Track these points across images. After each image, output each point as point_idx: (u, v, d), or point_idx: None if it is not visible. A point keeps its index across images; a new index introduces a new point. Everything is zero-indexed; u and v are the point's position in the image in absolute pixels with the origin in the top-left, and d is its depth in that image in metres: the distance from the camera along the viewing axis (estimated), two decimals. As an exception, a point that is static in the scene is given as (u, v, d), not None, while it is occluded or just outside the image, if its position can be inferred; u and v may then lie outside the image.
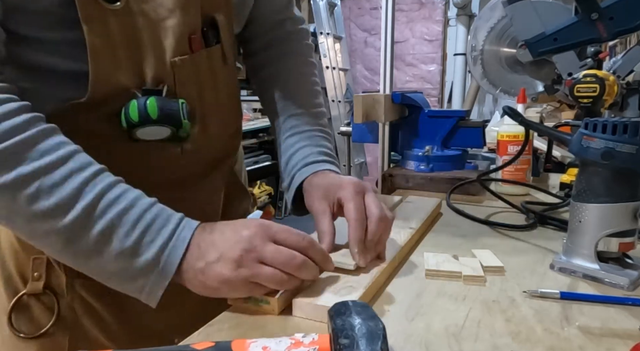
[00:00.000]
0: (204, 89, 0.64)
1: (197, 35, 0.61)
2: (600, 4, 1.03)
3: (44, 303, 0.63)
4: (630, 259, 0.61)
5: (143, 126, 0.56)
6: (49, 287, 0.63)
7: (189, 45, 0.60)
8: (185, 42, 0.60)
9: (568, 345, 0.46)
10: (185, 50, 0.60)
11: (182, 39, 0.59)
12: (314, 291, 0.53)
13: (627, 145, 0.56)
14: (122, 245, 0.47)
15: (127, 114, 0.55)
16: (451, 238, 0.77)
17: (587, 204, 0.59)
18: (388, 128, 1.22)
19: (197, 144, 0.65)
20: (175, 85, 0.60)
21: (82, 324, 0.64)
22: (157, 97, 0.57)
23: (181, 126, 0.58)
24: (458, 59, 3.99)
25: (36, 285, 0.62)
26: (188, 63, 0.60)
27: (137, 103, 0.55)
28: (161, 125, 0.57)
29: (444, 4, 4.07)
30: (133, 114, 0.55)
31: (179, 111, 0.58)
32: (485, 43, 1.34)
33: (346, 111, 3.75)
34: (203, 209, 0.69)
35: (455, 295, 0.55)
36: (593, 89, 1.02)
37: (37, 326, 0.63)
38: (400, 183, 1.11)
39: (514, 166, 1.01)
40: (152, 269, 0.48)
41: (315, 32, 3.83)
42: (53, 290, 0.63)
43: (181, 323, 0.61)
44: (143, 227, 0.48)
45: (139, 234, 0.48)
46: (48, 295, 0.63)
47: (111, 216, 0.47)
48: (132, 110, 0.55)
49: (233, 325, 0.50)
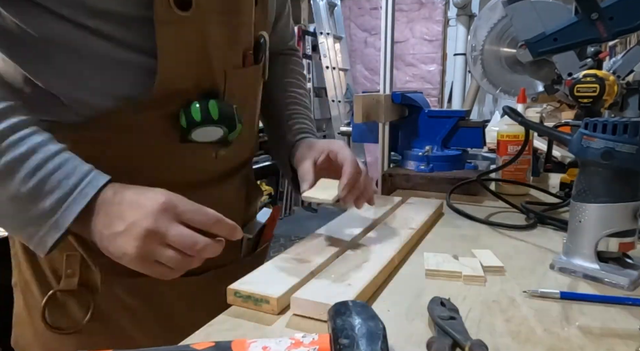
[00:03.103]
0: (246, 101, 0.69)
1: (250, 52, 0.67)
2: (600, 4, 1.03)
3: (79, 299, 0.64)
4: (630, 259, 0.61)
5: (202, 126, 0.59)
6: (83, 284, 0.63)
7: (242, 60, 0.66)
8: (240, 56, 0.66)
9: (568, 345, 0.46)
10: (239, 63, 0.66)
11: (238, 53, 0.65)
12: (312, 288, 0.53)
13: (627, 145, 0.56)
14: (18, 190, 0.47)
15: (188, 114, 0.59)
16: (451, 238, 0.77)
17: (587, 204, 0.59)
18: (388, 128, 1.22)
19: (231, 149, 0.67)
20: (225, 93, 0.64)
21: (117, 320, 0.65)
22: (217, 100, 0.61)
23: (235, 128, 0.63)
24: (458, 59, 4.00)
25: (70, 282, 0.63)
26: (240, 75, 0.66)
27: (200, 104, 0.59)
28: (219, 126, 0.61)
29: (444, 4, 4.07)
30: (195, 114, 0.59)
31: (234, 114, 0.62)
32: (485, 43, 1.34)
33: (346, 111, 3.76)
34: (230, 207, 0.70)
35: (455, 295, 0.55)
36: (593, 89, 1.02)
37: (73, 321, 0.64)
38: (400, 183, 1.11)
39: (514, 166, 1.01)
40: (45, 220, 0.48)
41: (315, 32, 3.83)
42: (88, 287, 0.63)
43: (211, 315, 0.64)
44: (42, 175, 0.48)
45: (37, 183, 0.47)
46: (83, 292, 0.63)
47: (9, 158, 0.47)
48: (194, 110, 0.59)
49: (233, 325, 0.50)
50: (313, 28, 4.00)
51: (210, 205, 0.52)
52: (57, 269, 0.64)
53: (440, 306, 0.50)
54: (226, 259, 0.72)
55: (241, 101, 0.67)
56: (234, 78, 0.64)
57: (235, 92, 0.65)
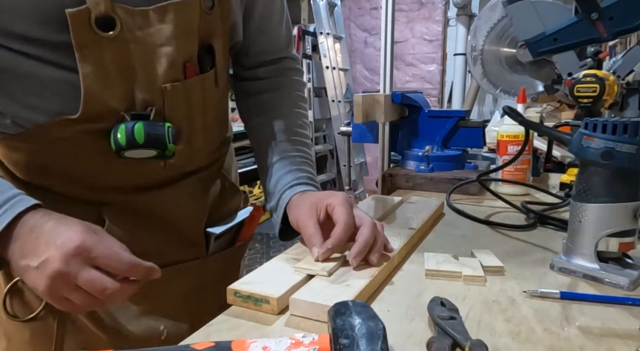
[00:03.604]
0: (193, 112, 0.66)
1: (192, 62, 0.63)
2: (600, 4, 1.03)
3: None
4: (630, 259, 0.61)
5: (130, 149, 0.58)
6: None
7: (184, 72, 0.62)
8: (180, 69, 0.61)
9: (568, 345, 0.46)
10: (179, 76, 0.62)
11: (176, 66, 0.61)
12: (311, 289, 0.53)
13: (627, 145, 0.56)
14: None
15: (115, 138, 0.58)
16: (451, 238, 0.77)
17: (587, 204, 0.59)
18: (388, 128, 1.22)
19: (180, 159, 0.66)
20: (165, 109, 0.62)
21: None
22: (145, 122, 0.59)
23: (166, 148, 0.60)
24: (458, 59, 3.99)
25: None
26: (180, 89, 0.62)
27: (125, 128, 0.57)
28: (147, 149, 0.59)
29: (444, 4, 4.07)
30: (121, 138, 0.57)
31: (164, 135, 0.60)
32: (485, 43, 1.34)
33: (346, 111, 3.75)
34: (185, 207, 0.72)
35: (455, 295, 0.55)
36: (593, 89, 1.02)
37: (29, 310, 0.67)
38: (400, 183, 1.11)
39: (514, 166, 1.01)
40: None
41: (315, 32, 3.83)
42: None
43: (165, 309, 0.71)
44: None
45: None
46: None
47: None
48: (120, 134, 0.58)
49: (233, 325, 0.50)
50: (313, 28, 3.99)
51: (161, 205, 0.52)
52: None
53: (440, 306, 0.50)
54: (187, 257, 0.74)
55: (186, 113, 0.65)
56: (173, 92, 0.62)
57: (178, 106, 0.63)
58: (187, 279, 0.73)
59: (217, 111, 0.72)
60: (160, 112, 0.61)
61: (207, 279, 0.76)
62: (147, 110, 0.60)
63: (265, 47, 0.79)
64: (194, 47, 0.63)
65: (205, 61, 0.66)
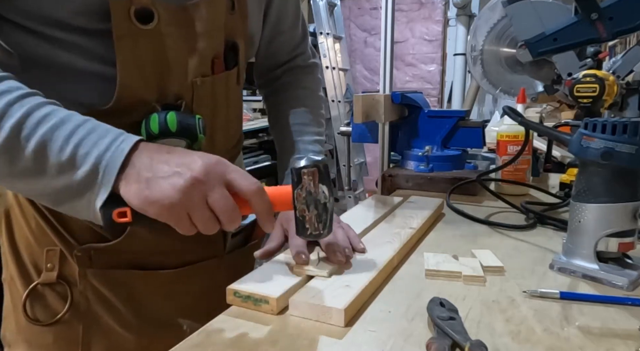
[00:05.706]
0: (217, 107, 0.69)
1: (219, 58, 0.67)
2: (600, 4, 1.03)
3: (58, 292, 0.66)
4: (630, 259, 0.61)
5: (162, 138, 0.59)
6: (62, 277, 0.66)
7: (212, 67, 0.66)
8: (209, 64, 0.65)
9: (568, 345, 0.46)
10: (207, 71, 0.65)
11: (206, 61, 0.65)
12: (311, 291, 0.53)
13: (627, 145, 0.56)
14: (59, 160, 0.47)
15: (147, 126, 0.59)
16: (451, 238, 0.77)
17: (587, 204, 0.59)
18: (388, 128, 1.22)
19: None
20: (193, 102, 0.64)
21: (94, 311, 0.67)
22: (177, 111, 0.60)
23: (197, 139, 0.61)
24: (458, 59, 3.99)
25: (50, 275, 0.65)
26: (208, 84, 0.66)
27: (158, 116, 0.59)
28: (179, 138, 0.60)
29: (444, 4, 4.06)
30: (154, 126, 0.58)
31: (195, 125, 0.61)
32: (485, 43, 1.34)
33: (346, 111, 3.75)
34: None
35: (455, 295, 0.55)
36: (593, 89, 1.02)
37: (52, 313, 0.66)
38: (400, 183, 1.11)
39: (514, 166, 1.01)
40: (93, 180, 0.47)
41: (315, 32, 3.83)
42: (66, 280, 0.66)
43: (185, 308, 0.70)
44: (76, 141, 0.48)
45: (73, 148, 0.47)
46: (61, 285, 0.66)
47: (42, 132, 0.47)
48: (152, 122, 0.58)
49: (233, 325, 0.50)
50: (313, 28, 3.99)
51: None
52: (38, 264, 0.66)
53: (439, 307, 0.50)
54: (206, 255, 0.74)
55: (212, 107, 0.67)
56: (202, 86, 0.65)
57: (205, 100, 0.66)
58: (206, 277, 0.74)
59: (237, 108, 0.76)
60: (189, 106, 0.64)
61: (223, 277, 0.75)
62: (177, 102, 0.62)
63: (281, 46, 0.83)
64: (221, 44, 0.66)
65: (230, 58, 0.69)
